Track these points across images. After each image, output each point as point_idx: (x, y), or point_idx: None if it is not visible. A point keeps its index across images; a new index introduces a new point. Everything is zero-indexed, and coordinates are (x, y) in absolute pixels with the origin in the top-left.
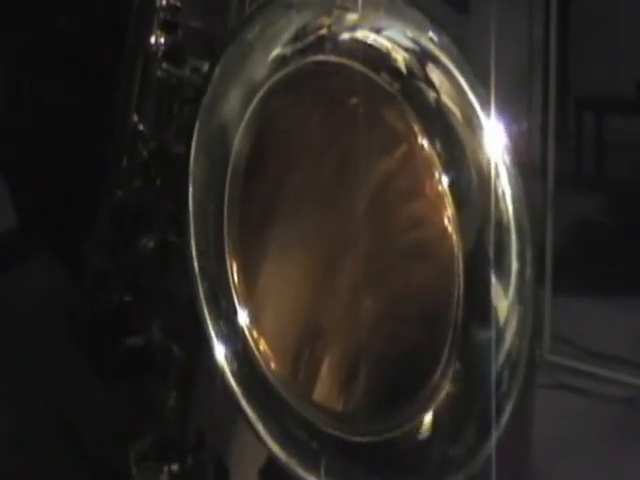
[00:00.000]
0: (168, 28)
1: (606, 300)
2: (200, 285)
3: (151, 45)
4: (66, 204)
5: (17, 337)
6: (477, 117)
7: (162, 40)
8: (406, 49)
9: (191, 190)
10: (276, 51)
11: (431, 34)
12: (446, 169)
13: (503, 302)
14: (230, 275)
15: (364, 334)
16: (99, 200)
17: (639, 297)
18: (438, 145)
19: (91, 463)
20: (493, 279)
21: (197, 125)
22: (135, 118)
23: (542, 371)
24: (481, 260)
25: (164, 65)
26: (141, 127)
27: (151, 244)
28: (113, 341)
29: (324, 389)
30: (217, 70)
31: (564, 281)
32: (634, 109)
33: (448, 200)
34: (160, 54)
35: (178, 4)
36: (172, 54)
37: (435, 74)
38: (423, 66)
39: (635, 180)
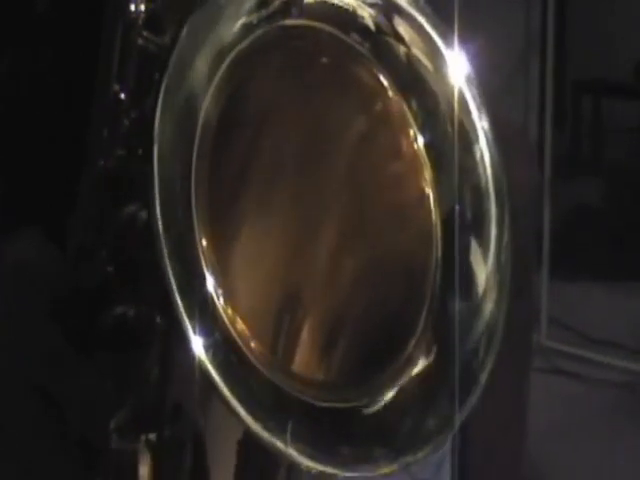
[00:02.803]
0: None
1: (603, 285)
2: (169, 266)
3: (131, 12)
4: (48, 175)
5: (3, 318)
6: (447, 65)
7: (142, 7)
8: (370, 4)
9: (156, 159)
10: (242, 19)
11: None
12: (421, 127)
13: (482, 268)
14: (201, 251)
15: (342, 301)
16: (82, 170)
17: (637, 282)
18: (413, 102)
19: (71, 434)
20: (473, 243)
21: (163, 88)
22: (116, 87)
23: (539, 356)
24: (459, 224)
25: (144, 33)
26: (122, 96)
27: (134, 214)
28: (96, 313)
29: (303, 358)
30: (184, 34)
31: (561, 266)
32: (632, 92)
33: (425, 160)
34: (140, 22)
35: None
36: (152, 22)
37: (403, 27)
38: (390, 20)
39: (633, 164)
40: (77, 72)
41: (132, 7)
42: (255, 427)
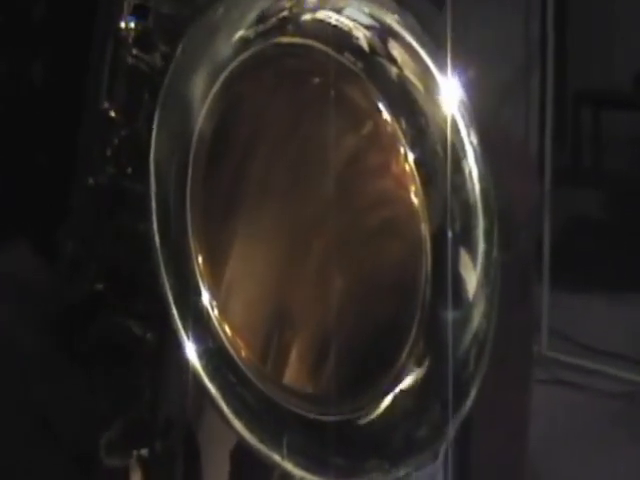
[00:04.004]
0: (139, 13)
1: (604, 296)
2: (165, 278)
3: (121, 30)
4: (40, 191)
5: None
6: (439, 88)
7: (132, 25)
8: (367, 27)
9: (153, 173)
10: (240, 33)
11: (389, 10)
12: (411, 145)
13: (471, 281)
14: (196, 265)
15: (333, 316)
16: (72, 187)
17: (637, 293)
18: (403, 121)
19: (62, 449)
20: (461, 258)
21: (160, 103)
22: (106, 104)
23: (540, 366)
24: (448, 238)
25: (134, 51)
26: (112, 114)
27: (124, 231)
28: (85, 327)
29: (294, 372)
30: (181, 49)
31: (562, 277)
32: (632, 104)
33: (414, 177)
34: (130, 40)
35: None
36: (142, 40)
37: (396, 50)
38: (384, 42)
39: (634, 174)
40: (66, 88)
41: (122, 25)
42: (251, 439)
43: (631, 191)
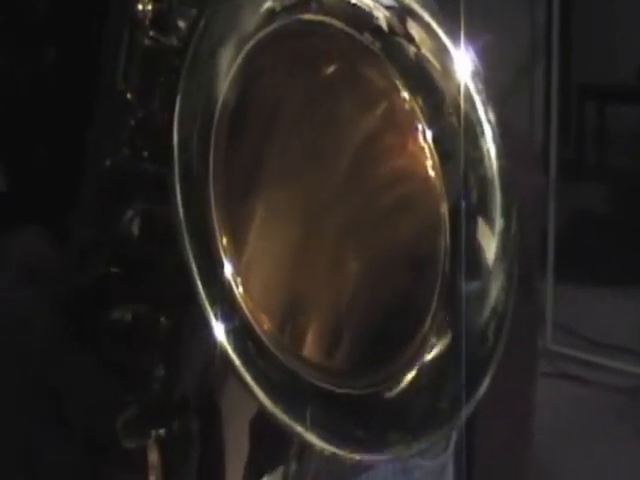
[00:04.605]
0: None
1: (608, 289)
2: (190, 252)
3: (138, 12)
4: (53, 174)
5: (5, 311)
6: (455, 66)
7: (149, 7)
8: (387, 7)
9: (176, 146)
10: (267, 4)
11: None
12: (429, 123)
13: (490, 250)
14: (219, 242)
15: (350, 292)
16: (85, 170)
17: None
18: (420, 99)
19: (77, 433)
20: (479, 227)
21: (184, 75)
22: (122, 87)
23: (544, 360)
24: (466, 212)
25: (151, 33)
26: (128, 96)
27: (138, 214)
28: (99, 311)
29: (315, 346)
30: (205, 21)
31: (566, 271)
32: (636, 97)
33: (432, 153)
34: (147, 22)
35: None
36: (159, 21)
37: (415, 29)
38: (403, 22)
39: (638, 168)
40: (82, 71)
41: (139, 7)
42: (275, 410)
43: (635, 185)
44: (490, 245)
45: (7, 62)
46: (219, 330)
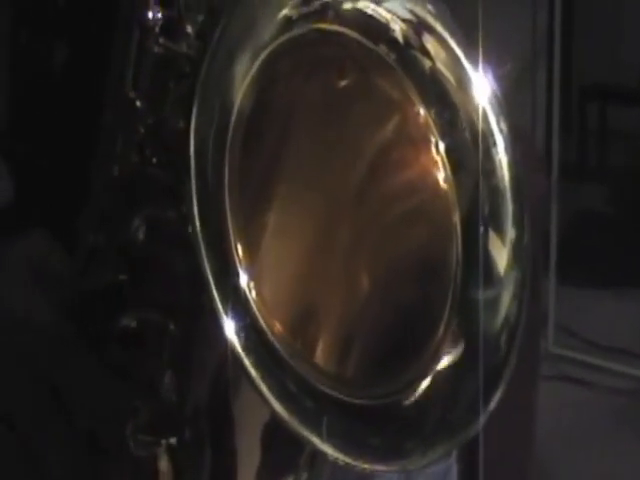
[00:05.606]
0: (165, 1)
1: (611, 292)
2: (206, 260)
3: (148, 20)
4: (61, 179)
5: (10, 312)
6: (470, 81)
7: (159, 15)
8: (404, 20)
9: (192, 154)
10: (284, 11)
11: (428, 5)
12: (442, 135)
13: (502, 260)
14: (234, 247)
15: (364, 299)
16: (94, 175)
17: None
18: (434, 112)
19: (85, 440)
20: (491, 238)
21: (200, 81)
22: (132, 94)
23: (546, 363)
24: (478, 223)
25: (161, 40)
26: (138, 103)
27: (147, 220)
28: (107, 319)
29: (326, 353)
30: (222, 27)
31: (568, 272)
32: (638, 99)
33: (445, 165)
34: (157, 29)
35: None
36: (170, 28)
37: (430, 43)
38: (419, 36)
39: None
40: (91, 78)
41: (150, 14)
42: (290, 420)
43: (637, 186)
44: (502, 255)
45: (16, 69)
46: (231, 333)
